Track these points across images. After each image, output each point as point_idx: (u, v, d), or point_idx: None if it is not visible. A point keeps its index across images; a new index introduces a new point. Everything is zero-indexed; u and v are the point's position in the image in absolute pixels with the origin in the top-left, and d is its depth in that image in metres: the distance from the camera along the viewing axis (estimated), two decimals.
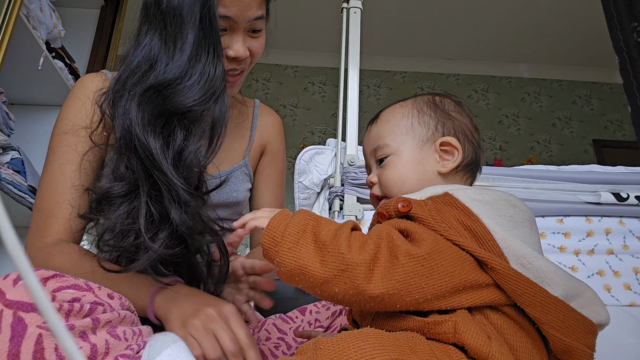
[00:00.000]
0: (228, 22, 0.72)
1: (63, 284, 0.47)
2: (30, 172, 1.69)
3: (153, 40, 0.69)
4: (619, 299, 1.46)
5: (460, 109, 0.68)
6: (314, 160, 1.61)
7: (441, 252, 0.48)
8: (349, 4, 1.78)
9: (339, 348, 0.43)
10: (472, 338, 0.44)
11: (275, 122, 1.00)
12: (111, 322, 0.48)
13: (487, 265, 0.48)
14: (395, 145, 0.65)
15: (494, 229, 0.51)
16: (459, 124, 0.66)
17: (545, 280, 0.49)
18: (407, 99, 0.70)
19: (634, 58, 0.63)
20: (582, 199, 1.53)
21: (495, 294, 0.48)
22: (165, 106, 0.65)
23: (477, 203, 0.54)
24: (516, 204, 0.57)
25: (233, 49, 0.74)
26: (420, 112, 0.66)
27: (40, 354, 0.41)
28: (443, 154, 0.64)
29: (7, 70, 1.65)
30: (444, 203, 0.54)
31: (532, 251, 0.50)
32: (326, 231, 0.49)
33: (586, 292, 0.51)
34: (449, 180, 0.64)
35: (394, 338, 0.44)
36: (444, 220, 0.51)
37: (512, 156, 4.08)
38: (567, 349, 0.47)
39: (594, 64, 4.24)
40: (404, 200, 0.54)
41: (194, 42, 0.67)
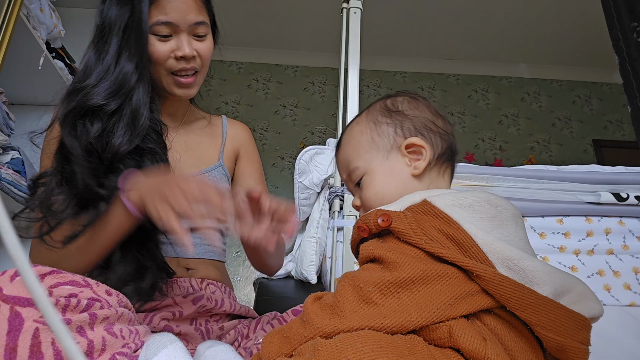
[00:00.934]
0: (170, 27, 0.81)
1: (60, 280, 0.48)
2: (30, 172, 1.69)
3: (90, 53, 0.79)
4: (618, 299, 1.46)
5: (416, 103, 0.66)
6: (314, 160, 1.62)
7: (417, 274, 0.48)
8: (349, 4, 1.78)
9: (338, 349, 0.42)
10: (467, 342, 0.44)
11: (244, 129, 1.07)
12: (109, 319, 0.48)
13: (473, 273, 0.48)
14: (364, 165, 0.65)
15: (476, 233, 0.50)
16: (418, 120, 0.64)
17: (534, 280, 0.48)
18: (362, 112, 0.70)
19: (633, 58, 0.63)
20: (582, 199, 1.53)
21: (485, 299, 0.48)
22: (81, 106, 0.74)
23: (456, 209, 0.53)
24: (498, 202, 0.56)
25: (180, 49, 0.82)
26: (376, 124, 0.65)
27: (37, 348, 0.41)
28: (412, 156, 0.63)
29: (7, 70, 1.65)
30: (424, 212, 0.54)
31: (517, 251, 0.50)
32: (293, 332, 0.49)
33: (577, 287, 0.50)
34: (426, 179, 0.63)
35: (392, 340, 0.44)
36: (424, 232, 0.51)
37: (511, 156, 4.08)
38: (561, 348, 0.46)
39: (593, 64, 4.24)
40: (383, 214, 0.54)
41: (117, 46, 0.76)
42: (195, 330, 0.75)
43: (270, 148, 3.88)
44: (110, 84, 0.75)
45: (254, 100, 4.04)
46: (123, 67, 0.76)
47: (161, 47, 0.81)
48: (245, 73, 4.12)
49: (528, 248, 0.55)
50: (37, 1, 1.78)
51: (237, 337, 0.81)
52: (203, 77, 0.90)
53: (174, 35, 0.82)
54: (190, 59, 0.83)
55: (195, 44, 0.84)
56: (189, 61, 0.84)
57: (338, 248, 1.42)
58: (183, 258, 0.84)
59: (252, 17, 3.65)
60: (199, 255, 0.87)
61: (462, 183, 1.51)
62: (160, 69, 0.83)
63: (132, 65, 0.76)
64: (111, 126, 0.73)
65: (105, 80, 0.75)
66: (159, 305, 0.74)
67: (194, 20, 0.82)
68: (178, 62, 0.83)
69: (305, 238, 1.63)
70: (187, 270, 0.84)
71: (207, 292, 0.83)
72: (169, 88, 0.85)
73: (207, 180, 0.64)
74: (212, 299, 0.79)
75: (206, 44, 0.86)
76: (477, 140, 4.11)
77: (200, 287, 0.84)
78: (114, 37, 0.77)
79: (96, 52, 0.78)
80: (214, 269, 0.89)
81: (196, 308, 0.76)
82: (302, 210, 1.65)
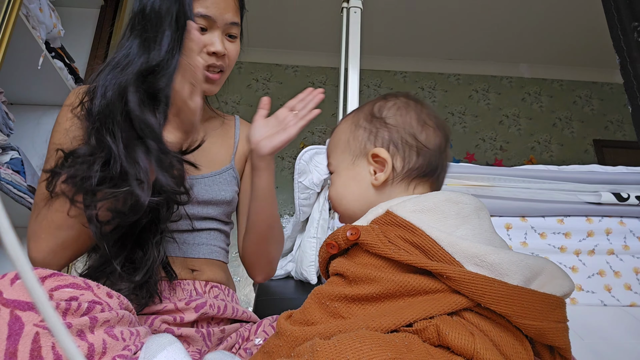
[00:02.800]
0: (207, 21, 0.82)
1: (61, 283, 0.47)
2: (29, 172, 1.69)
3: (133, 42, 0.75)
4: (619, 299, 1.46)
5: (405, 111, 0.64)
6: (314, 160, 1.61)
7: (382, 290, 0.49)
8: (349, 4, 1.78)
9: (337, 350, 0.42)
10: (456, 339, 0.44)
11: None
12: (109, 322, 0.48)
13: (443, 275, 0.48)
14: (335, 163, 0.67)
15: (439, 236, 0.51)
16: (396, 131, 0.63)
17: (503, 272, 0.49)
18: (354, 110, 0.70)
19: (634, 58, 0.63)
20: (583, 199, 1.53)
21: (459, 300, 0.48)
22: (155, 90, 0.70)
23: (417, 214, 0.54)
24: (459, 199, 0.57)
25: (214, 45, 0.83)
26: (356, 126, 0.66)
27: (37, 352, 0.41)
28: (377, 166, 0.62)
29: (6, 70, 1.65)
30: (388, 223, 0.54)
31: (482, 247, 0.51)
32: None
33: (546, 268, 0.51)
34: (387, 192, 0.62)
35: (390, 339, 0.44)
36: (392, 242, 0.52)
37: (512, 156, 4.08)
38: (540, 332, 0.47)
39: (594, 64, 4.24)
40: (352, 228, 0.54)
41: (171, 37, 0.74)
42: (197, 333, 0.74)
43: None
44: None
45: (254, 100, 4.04)
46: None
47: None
48: (245, 73, 4.12)
49: (495, 239, 0.56)
50: (36, 1, 1.78)
51: (237, 339, 0.80)
52: (225, 78, 0.91)
53: (209, 31, 0.84)
54: (220, 56, 0.85)
55: (227, 43, 0.86)
56: (219, 59, 0.85)
57: None
58: (189, 258, 0.84)
59: (252, 17, 3.64)
60: (204, 256, 0.87)
61: (462, 183, 1.51)
62: None
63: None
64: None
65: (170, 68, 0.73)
66: (161, 310, 0.74)
67: (230, 20, 0.85)
68: (209, 57, 0.84)
69: (305, 238, 1.63)
70: (191, 272, 0.84)
71: (210, 297, 0.83)
72: None
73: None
74: (214, 306, 0.78)
75: (235, 46, 0.89)
76: (477, 140, 4.11)
77: (204, 290, 0.84)
78: (167, 29, 0.74)
79: (142, 42, 0.75)
80: (219, 271, 0.89)
81: (198, 315, 0.75)
82: (302, 210, 1.65)
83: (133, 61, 0.73)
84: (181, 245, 0.84)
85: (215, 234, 0.90)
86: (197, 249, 0.86)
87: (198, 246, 0.86)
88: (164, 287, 0.77)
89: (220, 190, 0.90)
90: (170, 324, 0.73)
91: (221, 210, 0.91)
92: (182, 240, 0.84)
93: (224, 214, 0.92)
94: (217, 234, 0.90)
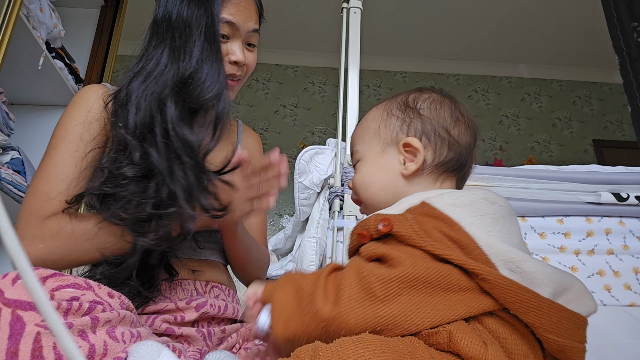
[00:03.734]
0: (231, 28, 0.83)
1: (62, 283, 0.47)
2: (30, 172, 1.69)
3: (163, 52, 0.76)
4: (619, 299, 1.46)
5: (440, 105, 0.64)
6: (314, 160, 1.61)
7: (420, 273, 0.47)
8: (349, 4, 1.78)
9: (339, 355, 0.42)
10: (468, 347, 0.44)
11: (256, 140, 1.08)
12: (111, 322, 0.48)
13: (478, 275, 0.47)
14: (363, 150, 0.65)
15: (478, 235, 0.50)
16: (430, 123, 0.62)
17: (535, 282, 0.48)
18: (387, 99, 0.68)
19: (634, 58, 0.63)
20: (582, 199, 1.53)
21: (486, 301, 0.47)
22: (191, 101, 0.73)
23: (456, 208, 0.52)
24: (495, 200, 0.55)
25: (235, 54, 0.84)
26: (388, 114, 0.65)
27: (38, 352, 0.41)
28: (407, 156, 0.62)
29: (7, 70, 1.65)
30: (424, 214, 0.53)
31: (519, 253, 0.49)
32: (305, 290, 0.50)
33: (574, 285, 0.50)
34: (416, 183, 0.62)
35: (393, 343, 0.44)
36: (428, 234, 0.50)
37: (512, 156, 4.08)
38: (561, 349, 0.46)
39: (594, 64, 4.24)
40: (384, 219, 0.52)
41: (202, 47, 0.76)
42: (197, 332, 0.74)
43: (270, 148, 3.86)
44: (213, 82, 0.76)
45: (254, 100, 4.04)
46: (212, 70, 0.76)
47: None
48: None
49: (523, 246, 0.55)
50: (37, 1, 1.78)
51: (238, 339, 0.80)
52: (241, 85, 0.92)
53: (231, 39, 0.84)
54: (241, 65, 0.86)
55: (246, 53, 0.87)
56: (238, 68, 0.86)
57: (338, 248, 1.42)
58: (189, 259, 0.84)
59: None
60: (205, 257, 0.87)
61: None
62: None
63: (222, 69, 0.78)
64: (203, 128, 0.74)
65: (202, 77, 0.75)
66: (161, 310, 0.74)
67: (252, 27, 0.86)
68: (231, 66, 0.85)
69: (305, 238, 1.63)
70: (192, 273, 0.84)
71: (211, 296, 0.83)
72: None
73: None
74: (215, 305, 0.78)
75: (254, 55, 0.90)
76: (477, 140, 4.11)
77: (205, 290, 0.83)
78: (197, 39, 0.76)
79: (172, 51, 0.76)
80: (219, 272, 0.89)
81: (198, 314, 0.75)
82: (302, 210, 1.65)
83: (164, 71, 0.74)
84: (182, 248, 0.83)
85: (217, 237, 0.90)
86: (198, 252, 0.86)
87: (199, 249, 0.86)
88: (165, 286, 0.78)
89: None
90: (171, 323, 0.73)
91: None
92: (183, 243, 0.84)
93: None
94: (218, 236, 0.90)
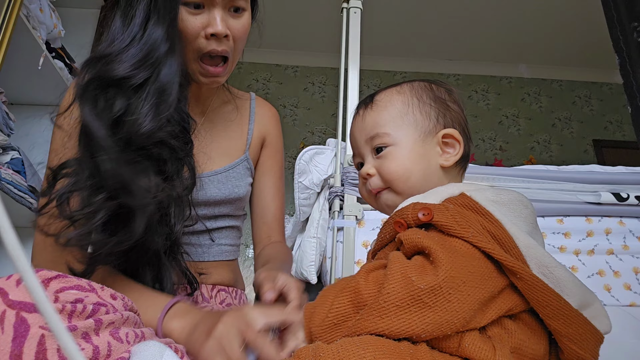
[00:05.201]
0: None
1: (66, 285, 0.47)
2: (30, 172, 1.69)
3: (116, 19, 0.70)
4: (619, 299, 1.46)
5: (454, 98, 0.65)
6: (314, 160, 1.61)
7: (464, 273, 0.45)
8: (349, 4, 1.78)
9: (340, 356, 0.42)
10: (477, 352, 0.44)
11: (272, 114, 1.00)
12: (114, 323, 0.47)
13: (516, 274, 0.46)
14: (397, 136, 0.61)
15: (517, 235, 0.49)
16: (456, 115, 0.63)
17: (565, 291, 0.47)
18: (402, 84, 0.66)
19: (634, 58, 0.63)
20: (582, 199, 1.53)
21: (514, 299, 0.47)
22: (105, 75, 0.65)
23: (496, 205, 0.51)
24: (528, 204, 0.55)
25: (211, 25, 0.71)
26: (420, 101, 0.63)
27: (42, 355, 0.41)
28: (444, 147, 0.61)
29: (7, 70, 1.65)
30: (464, 206, 0.51)
31: (551, 259, 0.49)
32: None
33: (595, 303, 0.50)
34: (449, 174, 0.62)
35: (395, 346, 0.44)
36: (470, 225, 0.48)
37: (512, 156, 4.07)
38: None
39: (594, 64, 4.24)
40: (424, 208, 0.51)
41: (144, 11, 0.68)
42: None
43: None
44: (137, 51, 0.66)
45: None
46: (152, 33, 0.66)
47: (191, 21, 0.71)
48: (245, 73, 4.11)
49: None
50: (37, 1, 1.78)
51: None
52: (234, 63, 0.79)
53: (207, 8, 0.71)
54: (222, 38, 0.73)
55: (230, 21, 0.74)
56: (220, 42, 0.73)
57: (338, 248, 1.42)
58: (197, 262, 0.82)
59: None
60: (213, 258, 0.85)
61: None
62: (188, 51, 0.73)
63: (162, 31, 0.67)
64: (135, 104, 0.64)
65: (131, 47, 0.66)
66: None
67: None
68: (208, 41, 0.72)
69: (305, 238, 1.63)
70: (199, 276, 0.82)
71: (216, 302, 0.82)
72: (194, 76, 0.76)
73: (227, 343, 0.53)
74: None
75: (242, 21, 0.76)
76: (477, 141, 4.11)
77: (211, 294, 0.82)
78: (142, 1, 0.68)
79: (122, 18, 0.69)
80: (227, 272, 0.87)
81: None
82: (302, 210, 1.65)
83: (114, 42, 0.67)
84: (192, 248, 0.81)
85: (227, 232, 0.88)
86: (208, 251, 0.84)
87: (209, 247, 0.85)
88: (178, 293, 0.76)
89: (234, 187, 0.86)
90: None
91: (234, 207, 0.88)
92: (194, 242, 0.82)
93: (238, 208, 0.90)
94: (228, 231, 0.88)
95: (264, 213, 0.95)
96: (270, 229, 0.95)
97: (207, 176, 0.83)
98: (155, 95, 0.65)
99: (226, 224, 0.87)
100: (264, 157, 0.96)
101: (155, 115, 0.64)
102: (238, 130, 0.92)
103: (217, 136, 0.88)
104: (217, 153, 0.86)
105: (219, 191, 0.84)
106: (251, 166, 0.93)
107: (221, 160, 0.87)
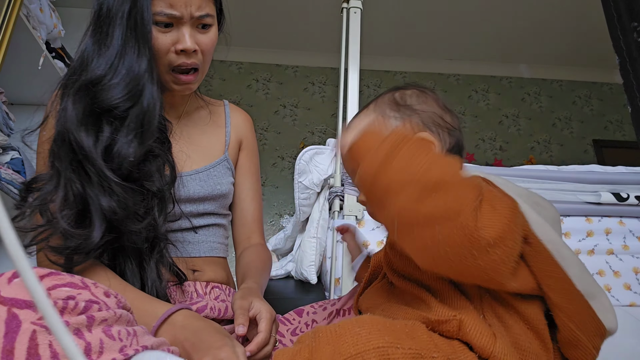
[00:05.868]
0: (173, 18, 0.76)
1: (58, 282, 0.47)
2: (30, 172, 1.69)
3: (88, 41, 0.75)
4: (619, 299, 1.46)
5: (425, 97, 0.66)
6: (314, 160, 1.61)
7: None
8: (349, 4, 1.78)
9: (336, 334, 0.44)
10: (477, 337, 0.45)
11: (247, 119, 1.05)
12: (107, 321, 0.47)
13: (527, 238, 0.48)
14: None
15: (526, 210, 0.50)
16: (427, 115, 0.64)
17: (569, 271, 0.49)
18: (370, 103, 0.69)
19: (634, 58, 0.63)
20: (582, 199, 1.53)
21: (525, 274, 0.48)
22: (94, 104, 0.70)
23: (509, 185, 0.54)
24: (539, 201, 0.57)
25: (181, 42, 0.77)
26: (384, 117, 0.65)
27: (34, 350, 0.41)
28: None
29: (7, 70, 1.65)
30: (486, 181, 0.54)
31: (558, 237, 0.50)
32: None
33: (601, 297, 0.51)
34: None
35: (391, 324, 0.45)
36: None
37: (512, 156, 4.08)
38: (575, 342, 0.47)
39: (594, 64, 4.24)
40: None
41: (121, 38, 0.72)
42: None
43: (270, 148, 3.88)
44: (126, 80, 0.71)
45: (254, 100, 4.04)
46: (133, 63, 0.72)
47: (162, 39, 0.77)
48: (245, 73, 4.12)
49: None
50: (37, 1, 1.78)
51: (238, 339, 0.80)
52: (204, 72, 0.86)
53: (175, 26, 0.77)
54: (191, 53, 0.79)
55: (198, 36, 0.80)
56: (189, 56, 0.79)
57: (338, 248, 1.42)
58: (189, 258, 0.84)
59: (252, 17, 3.65)
60: (204, 254, 0.86)
61: None
62: (160, 65, 0.79)
63: (143, 64, 0.72)
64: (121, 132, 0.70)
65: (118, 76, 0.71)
66: None
67: (197, 14, 0.78)
68: (178, 56, 0.79)
69: (305, 238, 1.63)
70: (192, 273, 0.84)
71: (211, 298, 0.83)
72: (167, 85, 0.83)
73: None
74: (215, 309, 0.78)
75: (209, 36, 0.82)
76: (477, 141, 4.11)
77: (205, 291, 0.83)
78: (117, 27, 0.72)
79: (95, 42, 0.74)
80: (219, 269, 0.89)
81: None
82: (302, 210, 1.65)
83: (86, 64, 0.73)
84: (181, 245, 0.83)
85: (214, 230, 0.90)
86: (197, 247, 0.86)
87: (198, 244, 0.86)
88: (169, 290, 0.77)
89: (216, 185, 0.89)
90: None
91: (218, 204, 0.91)
92: (181, 239, 0.84)
93: (222, 206, 0.92)
94: (216, 229, 0.90)
95: (243, 214, 0.98)
96: (250, 230, 0.98)
97: (189, 175, 0.86)
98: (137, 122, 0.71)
99: (212, 222, 0.89)
100: (242, 160, 1.00)
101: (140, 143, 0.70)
102: (215, 133, 0.97)
103: (194, 138, 0.93)
104: (197, 154, 0.90)
105: (202, 188, 0.87)
106: (231, 166, 0.96)
107: (201, 160, 0.90)
